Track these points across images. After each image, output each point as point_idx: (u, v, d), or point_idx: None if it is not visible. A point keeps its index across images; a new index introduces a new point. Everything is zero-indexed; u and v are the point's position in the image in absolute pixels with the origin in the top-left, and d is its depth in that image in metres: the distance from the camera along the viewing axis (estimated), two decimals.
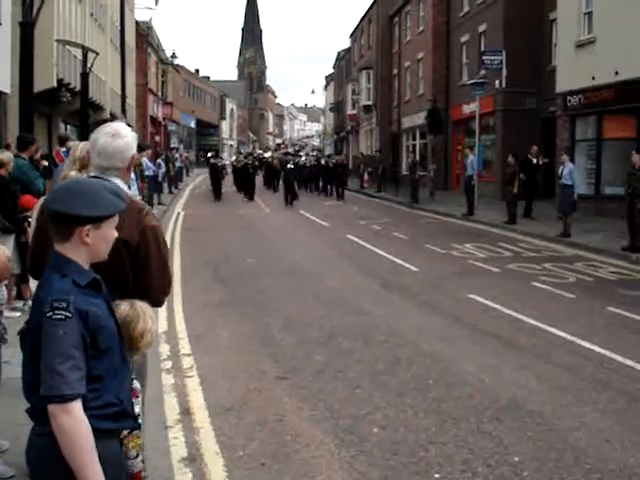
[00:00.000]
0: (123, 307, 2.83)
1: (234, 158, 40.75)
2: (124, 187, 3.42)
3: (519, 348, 7.92)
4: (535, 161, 22.00)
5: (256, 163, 38.92)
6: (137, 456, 2.74)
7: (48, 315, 2.35)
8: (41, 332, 2.36)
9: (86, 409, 2.37)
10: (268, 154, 44.17)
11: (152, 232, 3.36)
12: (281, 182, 33.83)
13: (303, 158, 38.02)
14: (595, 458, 5.05)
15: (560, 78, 23.55)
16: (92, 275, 2.55)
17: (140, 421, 2.98)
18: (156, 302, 3.30)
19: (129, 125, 4.03)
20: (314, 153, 59.12)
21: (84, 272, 2.52)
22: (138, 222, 3.29)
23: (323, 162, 36.75)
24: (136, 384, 3.15)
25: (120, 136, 3.40)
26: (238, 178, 36.13)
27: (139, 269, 3.31)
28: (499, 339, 8.29)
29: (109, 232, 2.57)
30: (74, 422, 2.32)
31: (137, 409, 2.98)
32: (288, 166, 31.19)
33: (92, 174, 3.35)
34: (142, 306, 2.92)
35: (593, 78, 21.16)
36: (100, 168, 3.39)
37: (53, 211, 2.47)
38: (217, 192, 31.76)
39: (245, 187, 32.62)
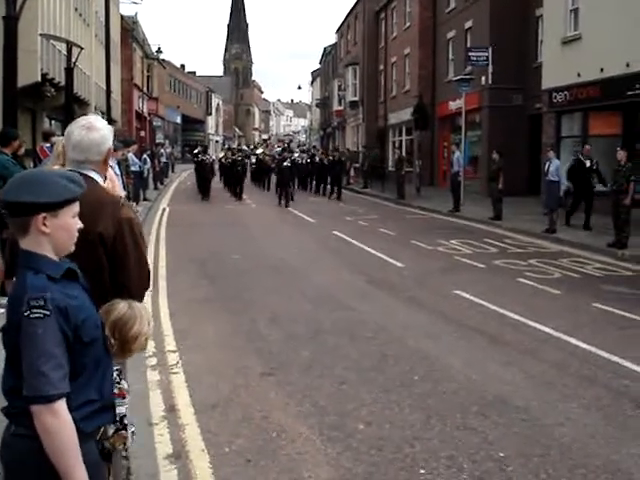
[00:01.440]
0: (121, 306, 2.78)
1: (222, 154, 38.47)
2: (100, 180, 3.37)
3: (505, 344, 7.94)
4: (589, 164, 18.13)
5: (245, 160, 37.13)
6: (125, 451, 2.73)
7: (26, 314, 2.30)
8: (20, 332, 2.31)
9: (70, 409, 2.33)
10: (259, 150, 42.25)
11: (128, 224, 3.29)
12: (273, 181, 32.47)
13: (296, 155, 35.15)
14: (580, 454, 5.07)
15: (546, 75, 23.61)
16: (65, 265, 2.49)
17: (126, 422, 2.94)
18: (136, 296, 3.26)
19: (111, 121, 3.99)
20: (304, 148, 58.42)
21: (55, 264, 2.46)
22: (113, 214, 3.23)
23: (317, 159, 34.65)
24: (124, 384, 3.12)
25: (95, 129, 3.34)
26: (226, 175, 34.52)
27: (116, 263, 3.25)
28: (485, 335, 8.30)
29: (69, 220, 2.48)
30: (59, 422, 2.29)
31: (123, 409, 2.95)
32: (284, 164, 28.20)
33: (68, 168, 3.30)
34: (140, 308, 2.87)
35: (579, 75, 21.24)
36: (75, 162, 3.33)
37: (5, 203, 2.41)
38: (205, 192, 29.53)
39: (233, 185, 31.33)
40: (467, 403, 6.02)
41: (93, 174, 3.31)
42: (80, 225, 2.56)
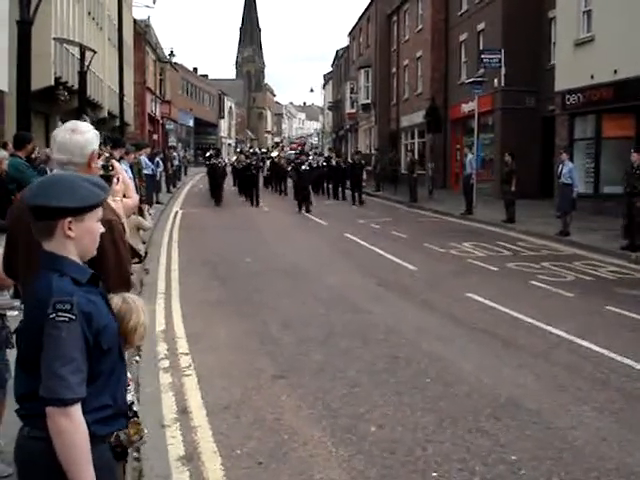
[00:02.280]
0: (115, 301, 2.80)
1: (235, 158, 36.53)
2: None
3: (517, 347, 7.91)
4: None
5: (260, 164, 34.38)
6: (141, 438, 2.74)
7: (51, 317, 2.30)
8: (41, 334, 2.31)
9: (83, 413, 2.34)
10: (275, 153, 39.01)
11: (107, 226, 3.31)
12: (289, 185, 31.44)
13: (310, 158, 32.76)
14: (593, 457, 5.05)
15: (559, 77, 23.53)
16: (90, 271, 2.51)
17: (135, 408, 2.97)
18: None
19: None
20: (317, 151, 57.74)
21: (81, 268, 2.48)
22: None
23: (334, 162, 32.28)
24: (128, 373, 3.14)
25: (79, 132, 3.39)
26: (239, 180, 33.14)
27: (95, 266, 3.28)
28: (497, 338, 8.28)
29: (93, 225, 2.50)
30: (72, 425, 2.29)
31: (130, 397, 2.97)
32: (304, 167, 26.70)
33: (54, 171, 3.34)
34: (134, 299, 2.89)
35: (592, 77, 21.15)
36: (59, 163, 3.37)
37: (32, 206, 2.42)
38: (218, 197, 27.95)
39: (247, 190, 29.40)
40: (479, 406, 6.00)
41: None
42: (102, 229, 2.57)
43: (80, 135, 3.38)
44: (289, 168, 33.36)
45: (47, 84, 19.86)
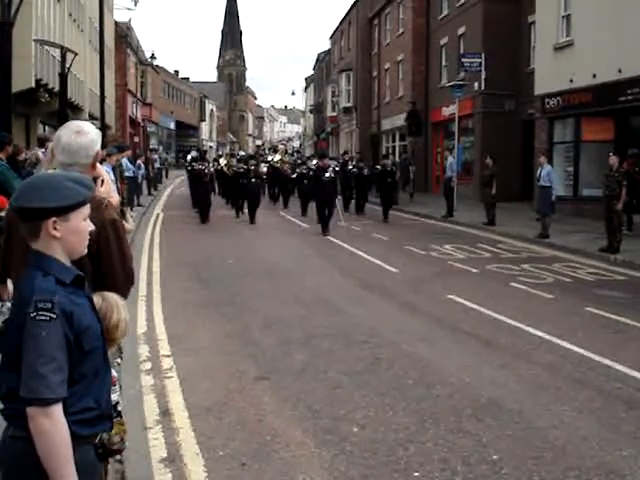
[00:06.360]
0: (95, 300, 2.80)
1: (224, 162, 28.90)
2: None
3: (498, 348, 7.97)
4: None
5: (264, 169, 27.19)
6: (121, 440, 2.73)
7: (32, 316, 2.29)
8: (22, 333, 2.30)
9: (65, 414, 2.33)
10: (277, 157, 31.27)
11: (112, 226, 3.36)
12: (293, 195, 27.90)
13: (313, 163, 26.85)
14: (573, 456, 5.10)
15: (539, 80, 23.73)
16: (75, 272, 2.50)
17: (120, 408, 2.96)
18: (122, 295, 3.29)
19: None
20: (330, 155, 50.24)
21: (66, 269, 2.47)
22: (97, 216, 3.26)
23: (350, 167, 26.53)
24: (113, 372, 3.14)
25: (84, 133, 3.41)
26: (228, 188, 27.01)
27: (101, 263, 3.30)
28: (478, 339, 8.33)
29: (80, 224, 2.49)
30: (54, 425, 2.28)
31: (115, 397, 2.97)
32: (327, 175, 19.82)
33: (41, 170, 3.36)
34: (113, 297, 2.90)
35: (571, 81, 21.37)
36: (63, 165, 3.38)
37: (17, 208, 2.44)
38: (204, 212, 21.75)
39: (235, 200, 24.21)
40: (461, 406, 6.04)
41: None
42: (92, 227, 2.57)
43: (84, 136, 3.40)
44: (293, 175, 28.50)
45: (28, 86, 19.72)
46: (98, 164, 4.69)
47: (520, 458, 5.03)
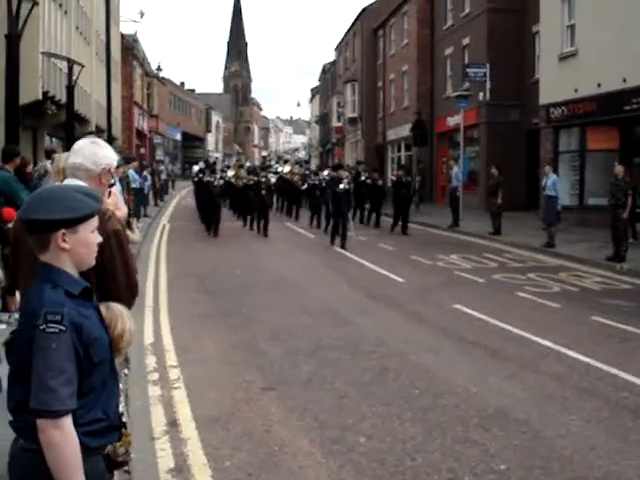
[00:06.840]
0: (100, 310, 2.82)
1: (232, 173, 27.20)
2: None
3: (505, 358, 7.96)
4: None
5: (272, 180, 25.09)
6: (126, 452, 2.74)
7: (41, 328, 2.29)
8: (31, 345, 2.30)
9: (75, 425, 2.33)
10: (287, 168, 30.36)
11: (115, 236, 3.38)
12: (302, 207, 27.23)
13: (325, 173, 25.95)
14: (581, 465, 5.09)
15: (543, 90, 23.76)
16: (84, 283, 2.51)
17: (124, 420, 2.97)
18: (125, 306, 3.31)
19: (111, 138, 4.09)
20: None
21: (75, 281, 2.48)
22: (100, 227, 3.29)
23: (363, 179, 25.13)
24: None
25: (99, 143, 3.52)
26: (236, 201, 26.26)
27: (105, 274, 3.32)
28: (485, 349, 8.32)
29: (88, 236, 2.49)
30: (64, 437, 2.28)
31: (120, 408, 2.98)
32: (342, 186, 19.08)
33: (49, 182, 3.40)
34: (118, 307, 2.91)
35: (576, 90, 21.38)
36: (71, 168, 3.44)
37: (24, 221, 2.44)
38: (214, 227, 20.98)
39: (246, 213, 23.73)
40: (468, 416, 6.04)
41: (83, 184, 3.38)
42: (100, 239, 2.58)
43: (98, 146, 3.49)
44: (304, 187, 27.65)
45: (35, 98, 19.83)
46: (113, 190, 4.39)
47: (527, 468, 5.02)
